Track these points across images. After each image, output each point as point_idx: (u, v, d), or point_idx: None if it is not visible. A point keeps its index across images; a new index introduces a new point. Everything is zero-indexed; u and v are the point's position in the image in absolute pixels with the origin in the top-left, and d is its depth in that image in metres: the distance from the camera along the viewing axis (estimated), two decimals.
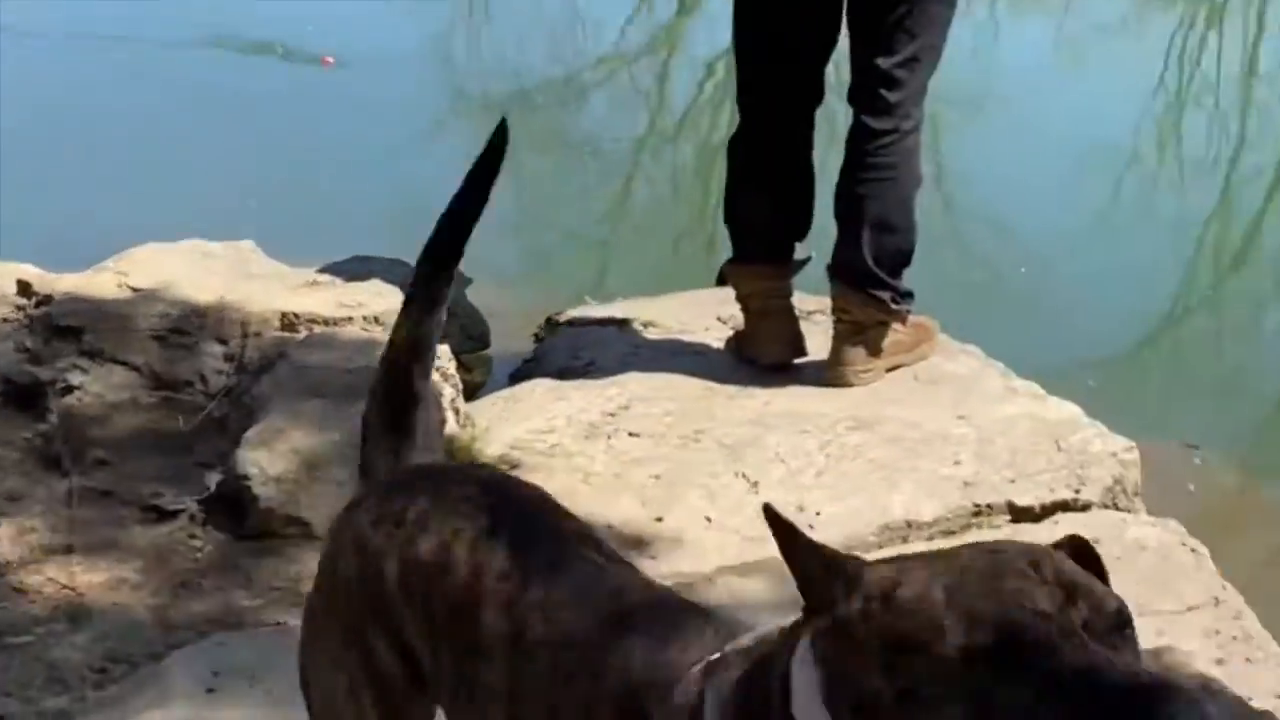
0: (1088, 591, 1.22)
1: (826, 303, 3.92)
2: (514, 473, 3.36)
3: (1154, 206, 7.76)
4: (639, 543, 3.22)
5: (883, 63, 3.62)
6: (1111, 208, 7.41)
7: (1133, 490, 3.55)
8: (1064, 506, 3.45)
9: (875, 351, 3.85)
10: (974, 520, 3.40)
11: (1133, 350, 5.82)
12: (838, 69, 3.92)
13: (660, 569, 3.11)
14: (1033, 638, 1.15)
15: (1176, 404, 5.48)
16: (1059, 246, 6.71)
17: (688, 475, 3.44)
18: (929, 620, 1.19)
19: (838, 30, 3.71)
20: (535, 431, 3.57)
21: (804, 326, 4.06)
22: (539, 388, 3.80)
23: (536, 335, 4.37)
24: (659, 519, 3.30)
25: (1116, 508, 3.49)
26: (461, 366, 3.85)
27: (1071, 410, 3.79)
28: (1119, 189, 7.75)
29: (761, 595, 2.93)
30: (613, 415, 3.66)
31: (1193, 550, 3.29)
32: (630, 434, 3.59)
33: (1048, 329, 5.67)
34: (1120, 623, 1.21)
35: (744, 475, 3.45)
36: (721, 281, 3.99)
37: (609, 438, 3.56)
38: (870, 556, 3.13)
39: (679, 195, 7.30)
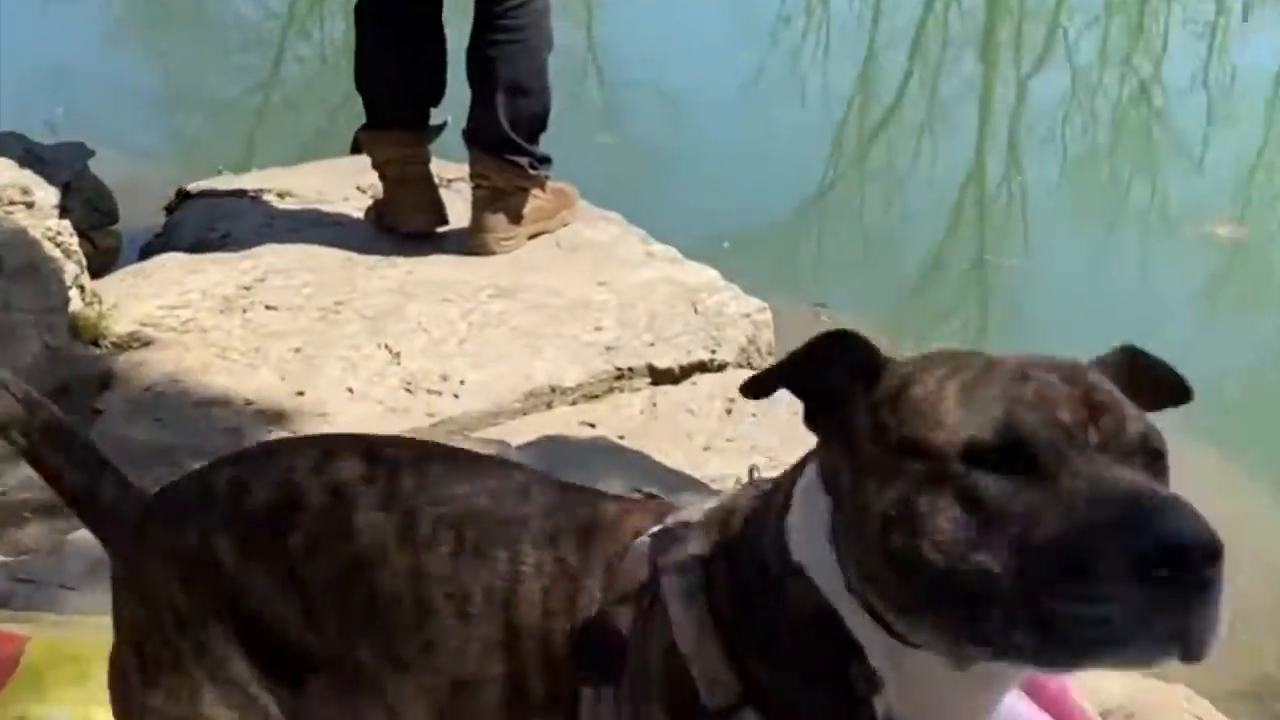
0: (1114, 412, 1.16)
1: (467, 170, 3.89)
2: (147, 351, 3.27)
3: (802, 76, 7.97)
4: (279, 417, 3.16)
5: None
6: (760, 77, 7.59)
7: (766, 350, 3.66)
8: (701, 367, 3.53)
9: (516, 218, 3.85)
10: (616, 384, 3.45)
11: (775, 217, 5.98)
12: None
13: None
14: (1039, 441, 1.11)
15: (812, 269, 5.69)
16: (709, 115, 6.84)
17: (328, 347, 3.39)
18: (935, 416, 1.15)
19: None
20: (167, 307, 3.45)
21: (445, 195, 4.03)
22: (171, 261, 3.67)
23: (168, 208, 4.20)
24: (300, 393, 3.24)
25: (751, 366, 3.59)
26: (87, 241, 3.69)
27: (709, 274, 3.88)
28: (767, 59, 7.94)
29: None
30: (248, 288, 3.57)
31: None
32: (268, 307, 3.51)
33: (693, 196, 5.78)
34: (1146, 448, 1.16)
35: (386, 346, 3.41)
36: (356, 149, 3.91)
37: (245, 311, 3.47)
38: (514, 423, 3.19)
39: (326, 68, 7.12)
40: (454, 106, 3.91)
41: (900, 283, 5.55)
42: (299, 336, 3.41)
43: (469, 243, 3.85)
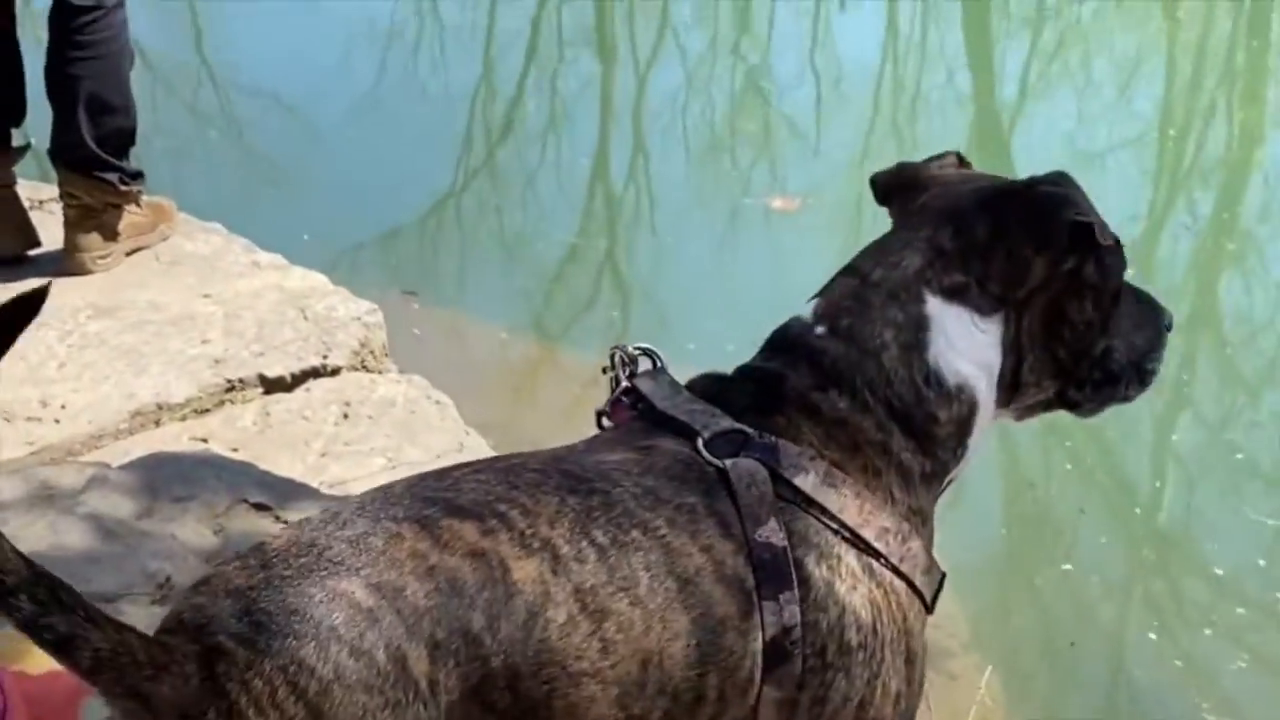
0: None
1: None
2: None
3: (422, 83, 7.95)
4: None
5: None
6: (379, 85, 7.55)
7: (381, 351, 3.65)
8: (314, 373, 3.49)
9: (111, 235, 3.74)
10: (227, 396, 3.39)
11: (403, 220, 5.98)
12: None
13: None
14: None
15: (447, 269, 5.71)
16: (330, 125, 6.77)
17: None
18: None
19: None
20: None
21: (40, 216, 3.89)
22: None
23: None
24: None
25: (365, 369, 3.58)
26: None
27: (317, 279, 3.85)
28: (385, 68, 7.89)
29: (6, 494, 2.79)
30: None
31: (437, 402, 3.43)
32: None
33: (315, 205, 5.73)
34: None
35: None
36: None
37: None
38: (121, 444, 3.10)
39: None
40: (38, 125, 3.78)
41: (538, 279, 5.60)
42: None
43: (64, 263, 3.72)
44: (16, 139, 3.74)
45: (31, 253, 3.79)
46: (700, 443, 1.55)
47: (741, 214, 6.36)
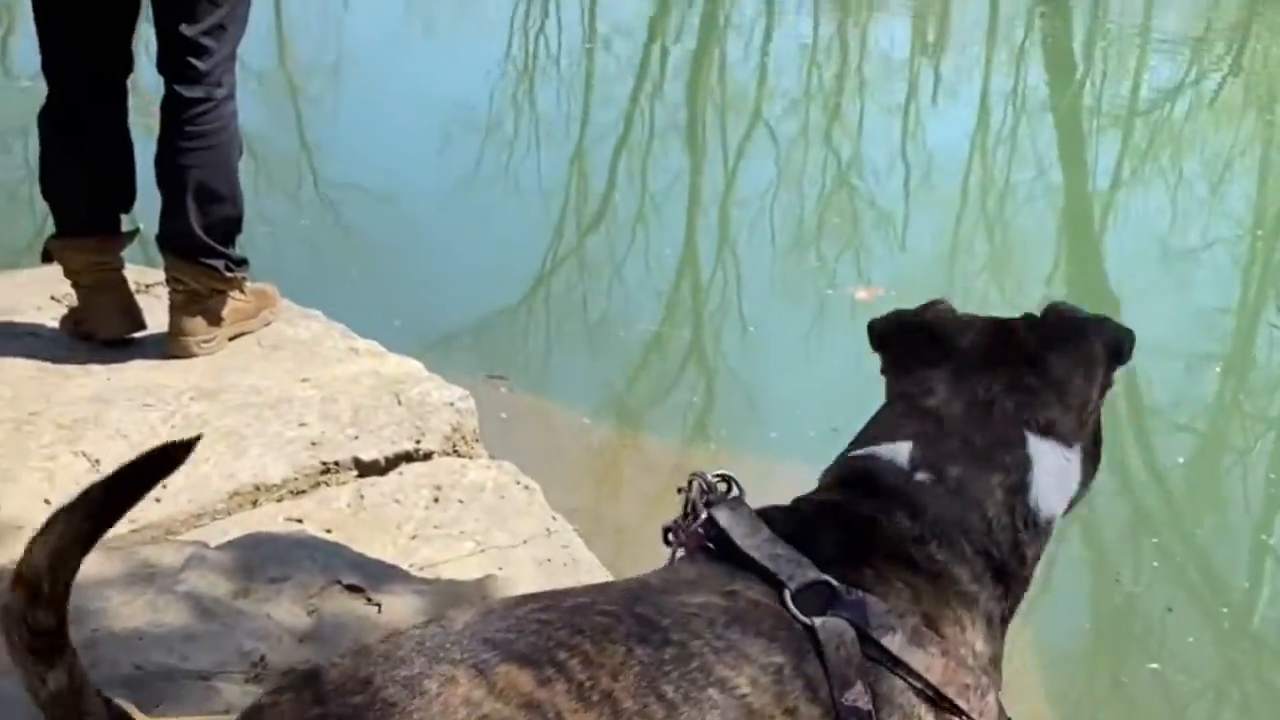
0: None
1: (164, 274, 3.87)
2: None
3: (515, 173, 8.08)
4: None
5: (188, 30, 3.58)
6: (475, 175, 7.68)
7: (471, 436, 3.72)
8: (407, 457, 3.56)
9: (215, 320, 3.84)
10: (322, 478, 3.46)
11: (494, 307, 6.06)
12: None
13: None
14: None
15: (536, 356, 5.79)
16: (425, 213, 6.90)
17: (23, 459, 3.32)
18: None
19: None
20: None
21: (147, 300, 4.00)
22: None
23: None
24: None
25: (456, 453, 3.64)
26: None
27: (412, 366, 3.93)
28: (481, 154, 8.04)
29: (109, 572, 2.87)
30: None
31: (525, 487, 3.49)
32: None
33: (408, 291, 5.84)
34: None
35: (84, 454, 3.36)
36: (48, 258, 3.85)
37: None
38: (219, 524, 3.17)
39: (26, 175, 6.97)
40: (147, 211, 3.90)
41: (623, 366, 5.66)
42: None
43: (169, 346, 3.83)
44: (126, 224, 3.87)
45: (136, 335, 3.89)
46: (788, 595, 1.50)
47: (827, 304, 6.39)
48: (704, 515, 1.61)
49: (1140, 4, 12.66)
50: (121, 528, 3.16)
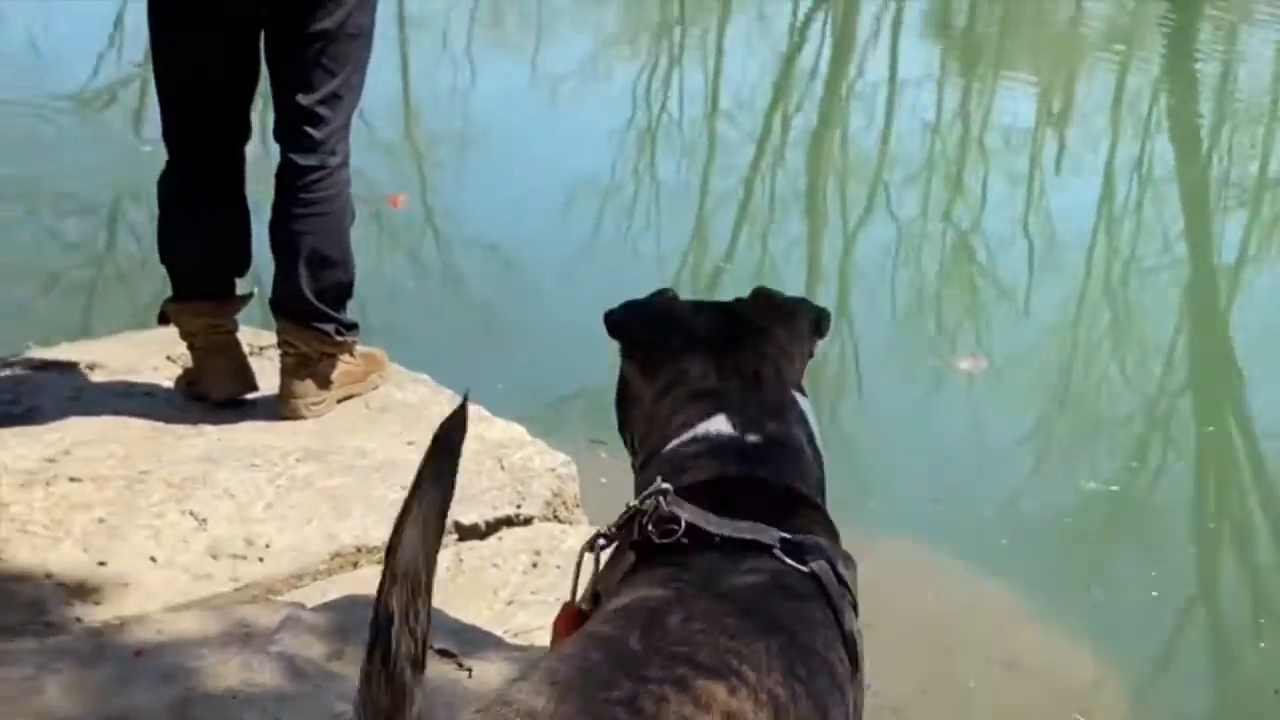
0: None
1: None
2: None
3: (632, 237, 8.13)
4: (82, 589, 3.15)
5: (304, 100, 3.66)
6: (594, 239, 7.75)
7: (572, 502, 3.73)
8: (508, 522, 3.58)
9: (325, 383, 3.90)
10: None
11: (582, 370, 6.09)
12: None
13: (103, 613, 3.07)
14: None
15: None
16: (543, 276, 6.95)
17: (133, 517, 3.39)
18: None
19: (257, 67, 3.73)
20: None
21: (258, 361, 4.07)
22: None
23: None
24: (102, 563, 3.23)
25: (557, 519, 3.66)
26: None
27: (515, 430, 3.95)
28: (600, 220, 8.11)
29: (206, 630, 2.92)
30: (52, 461, 3.56)
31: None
32: (71, 479, 3.50)
33: (525, 354, 5.89)
34: None
35: (191, 513, 3.42)
36: (164, 320, 3.94)
37: (48, 484, 3.46)
38: (319, 584, 3.21)
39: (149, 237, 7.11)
40: (265, 275, 3.98)
41: None
42: (103, 507, 3.41)
43: (279, 408, 3.89)
44: (241, 288, 3.95)
45: (248, 396, 3.97)
46: (779, 554, 1.68)
47: (931, 375, 6.35)
48: (676, 513, 1.72)
49: (1268, 78, 12.48)
50: (225, 585, 3.23)
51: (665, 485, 1.75)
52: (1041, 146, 10.07)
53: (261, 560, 3.31)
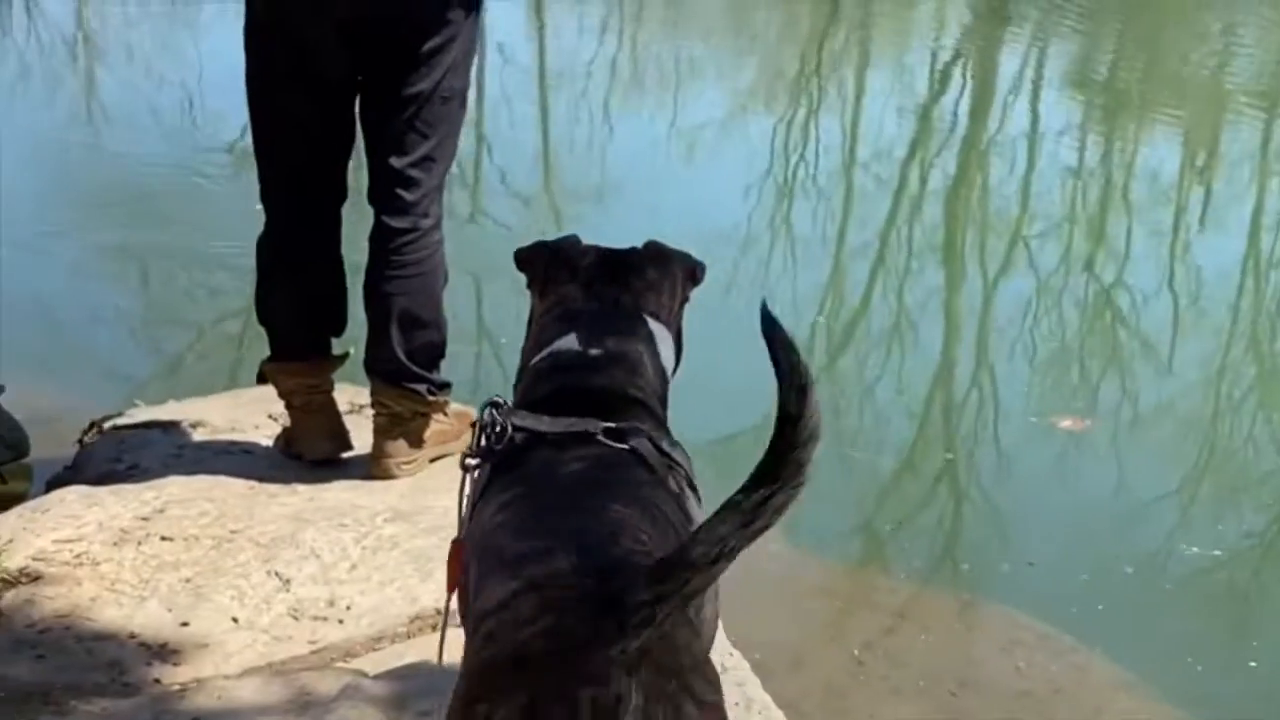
0: None
1: None
2: (36, 586, 3.31)
3: (770, 287, 8.08)
4: (163, 650, 3.19)
5: (397, 163, 3.70)
6: (730, 290, 7.72)
7: None
8: None
9: (417, 443, 3.92)
10: None
11: (748, 421, 6.05)
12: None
13: (182, 674, 3.10)
14: None
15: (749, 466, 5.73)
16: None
17: (219, 577, 3.42)
18: None
19: (352, 130, 3.77)
20: (61, 541, 3.50)
21: (359, 419, 4.11)
22: (70, 495, 3.73)
23: (81, 441, 4.28)
24: (185, 624, 3.27)
25: None
26: None
27: None
28: (736, 272, 8.08)
29: (266, 698, 2.93)
30: (146, 519, 3.62)
31: None
32: (163, 538, 3.55)
33: None
34: None
35: (276, 574, 3.45)
36: (262, 380, 4.00)
37: (140, 543, 3.52)
38: (398, 647, 3.21)
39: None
40: (358, 334, 4.01)
41: (873, 480, 5.59)
42: (191, 567, 3.46)
43: (370, 468, 3.92)
44: (337, 348, 3.99)
45: (343, 455, 4.00)
46: (602, 439, 2.08)
47: (1052, 432, 6.18)
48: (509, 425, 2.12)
49: None
50: (303, 647, 3.25)
51: (497, 398, 2.15)
52: (1186, 199, 9.84)
53: (341, 622, 3.32)
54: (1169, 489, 5.60)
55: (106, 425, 4.27)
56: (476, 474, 2.14)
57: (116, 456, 3.99)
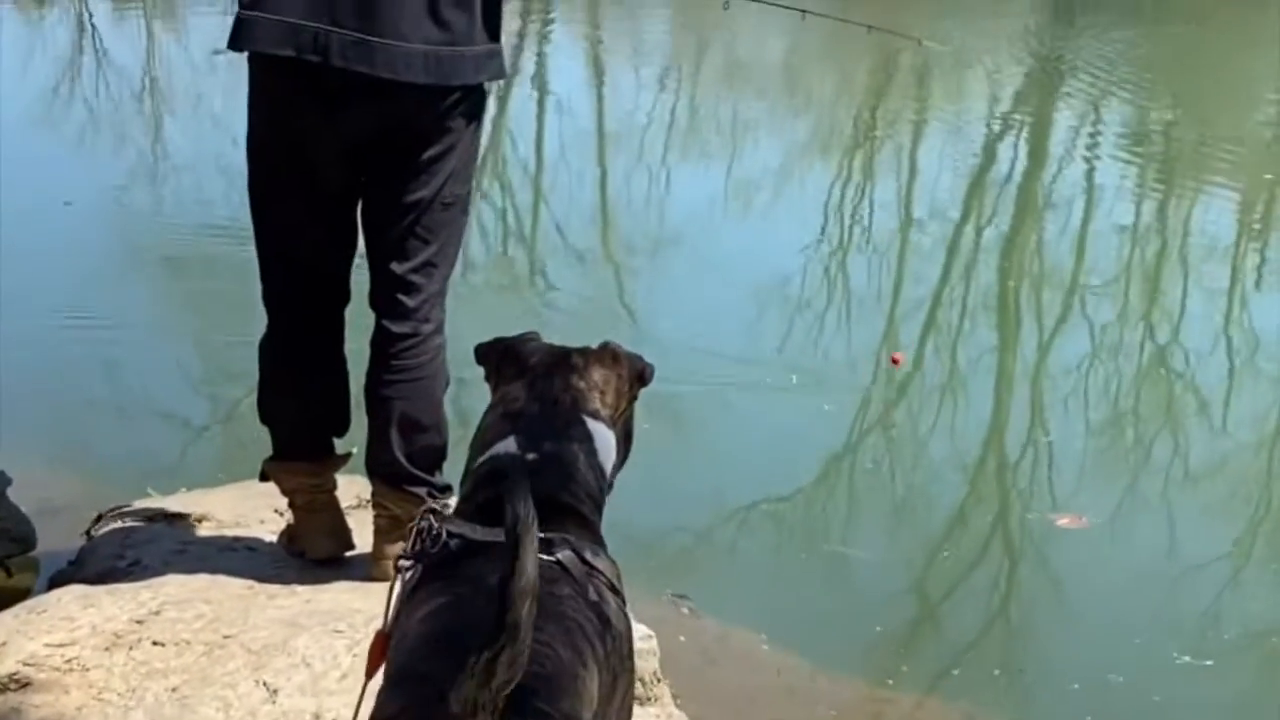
0: None
1: None
2: (24, 694, 3.33)
3: (824, 342, 8.05)
4: None
5: (398, 268, 3.70)
6: (786, 344, 7.70)
7: (652, 678, 3.66)
8: None
9: None
10: None
11: (798, 481, 6.03)
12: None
13: None
14: None
15: (836, 522, 5.79)
16: (741, 381, 6.96)
17: (206, 686, 3.41)
18: None
19: (354, 235, 3.78)
20: (54, 645, 3.51)
21: (363, 514, 4.10)
22: (68, 595, 3.75)
23: (88, 533, 4.31)
24: None
25: (637, 701, 3.57)
26: (2, 571, 3.79)
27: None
28: (791, 327, 8.05)
29: None
30: (140, 622, 3.62)
31: None
32: (155, 643, 3.55)
33: (714, 469, 5.94)
34: None
35: (264, 683, 3.44)
36: (265, 478, 4.01)
37: (131, 649, 3.52)
38: None
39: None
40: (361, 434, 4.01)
41: (926, 537, 5.63)
42: (180, 674, 3.45)
43: (371, 569, 3.91)
44: (340, 447, 3.99)
45: (346, 554, 4.00)
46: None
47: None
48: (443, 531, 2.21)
49: None
50: None
51: (434, 505, 2.31)
52: (1243, 259, 9.71)
53: None
54: (1161, 590, 5.50)
55: (113, 516, 4.29)
56: (408, 575, 2.24)
57: (119, 553, 4.01)
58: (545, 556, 2.09)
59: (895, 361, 7.58)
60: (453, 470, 3.97)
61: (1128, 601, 5.21)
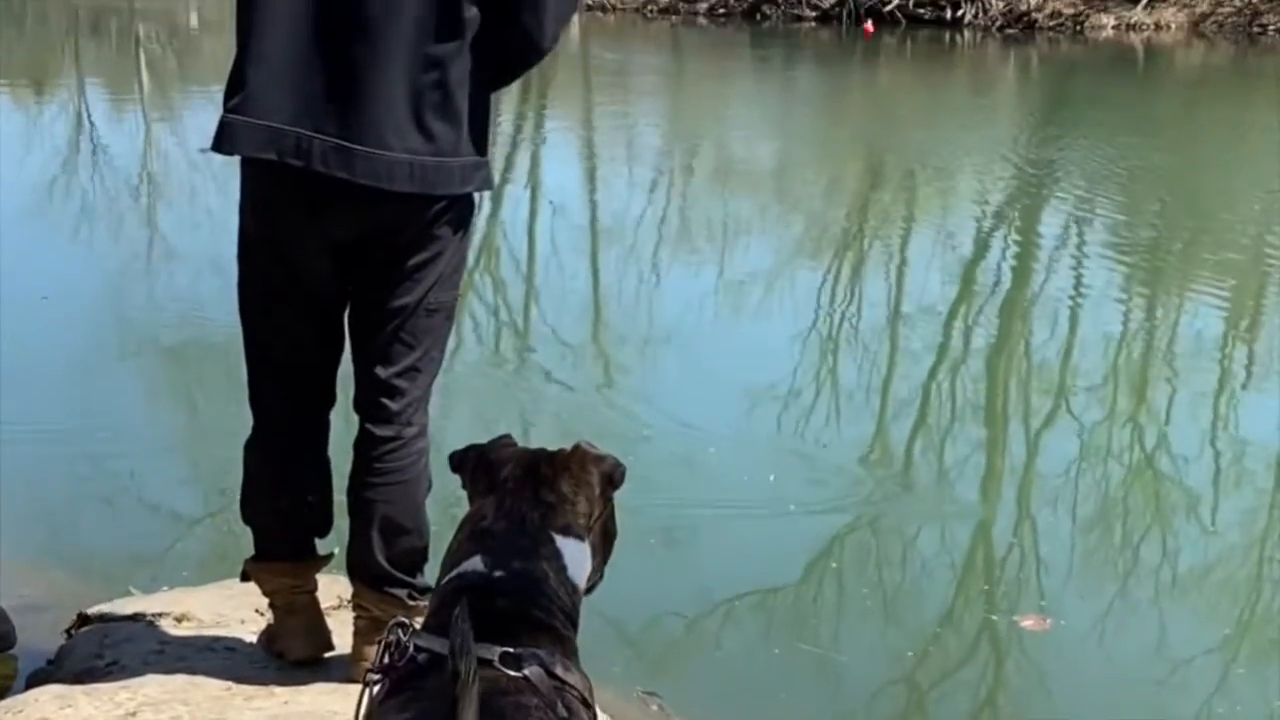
0: None
1: None
2: None
3: (816, 439, 8.06)
4: None
5: (382, 373, 3.73)
6: (777, 440, 7.71)
7: None
8: None
9: None
10: None
11: (786, 576, 6.06)
12: None
13: None
14: None
15: (822, 622, 5.76)
16: (727, 474, 6.98)
17: None
18: None
19: (341, 341, 3.82)
20: None
21: (344, 615, 4.10)
22: (45, 695, 3.75)
23: (69, 631, 4.30)
24: None
25: None
26: None
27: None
28: (781, 422, 8.06)
29: None
30: None
31: None
32: None
33: (700, 555, 6.00)
34: None
35: None
36: (245, 578, 4.01)
37: None
38: None
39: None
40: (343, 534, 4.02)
41: (907, 639, 5.60)
42: None
43: (350, 671, 3.91)
44: (321, 548, 4.00)
45: (327, 655, 3.99)
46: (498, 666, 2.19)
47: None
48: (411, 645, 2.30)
49: None
50: None
51: (403, 619, 2.34)
52: (1230, 358, 9.76)
53: None
54: (1146, 692, 5.48)
55: (94, 615, 4.28)
56: (376, 688, 2.31)
57: (98, 652, 4.00)
58: (513, 672, 2.17)
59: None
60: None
61: (1115, 701, 5.17)
